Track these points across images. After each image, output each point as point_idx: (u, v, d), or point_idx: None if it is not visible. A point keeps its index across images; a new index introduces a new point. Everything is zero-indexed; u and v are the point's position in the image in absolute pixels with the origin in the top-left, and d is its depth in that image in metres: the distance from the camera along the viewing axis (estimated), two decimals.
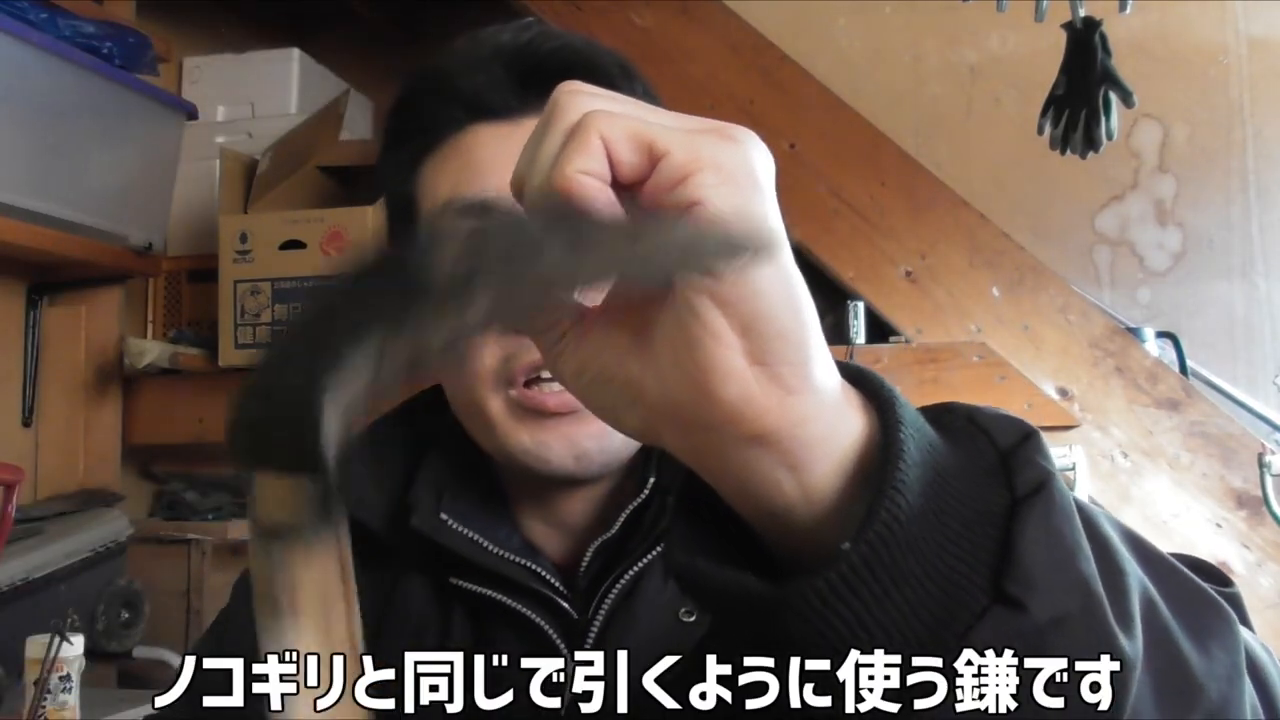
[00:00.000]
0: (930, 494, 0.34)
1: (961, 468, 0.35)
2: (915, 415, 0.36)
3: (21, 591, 1.53)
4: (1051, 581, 0.33)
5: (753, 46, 1.78)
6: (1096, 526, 0.37)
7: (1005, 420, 0.37)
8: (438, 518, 0.64)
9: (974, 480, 0.35)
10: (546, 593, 0.63)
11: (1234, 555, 1.50)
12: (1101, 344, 1.59)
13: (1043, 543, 0.34)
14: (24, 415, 1.90)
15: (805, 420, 0.34)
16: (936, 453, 0.35)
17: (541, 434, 0.61)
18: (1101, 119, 1.39)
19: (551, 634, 0.62)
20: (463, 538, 0.64)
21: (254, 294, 1.81)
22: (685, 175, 0.31)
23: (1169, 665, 0.37)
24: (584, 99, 0.33)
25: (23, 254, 1.74)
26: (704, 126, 0.33)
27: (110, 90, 1.72)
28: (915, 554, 0.33)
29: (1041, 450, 0.36)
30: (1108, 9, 1.39)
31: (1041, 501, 0.34)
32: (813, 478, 0.34)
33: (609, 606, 0.62)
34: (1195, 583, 0.42)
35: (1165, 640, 0.37)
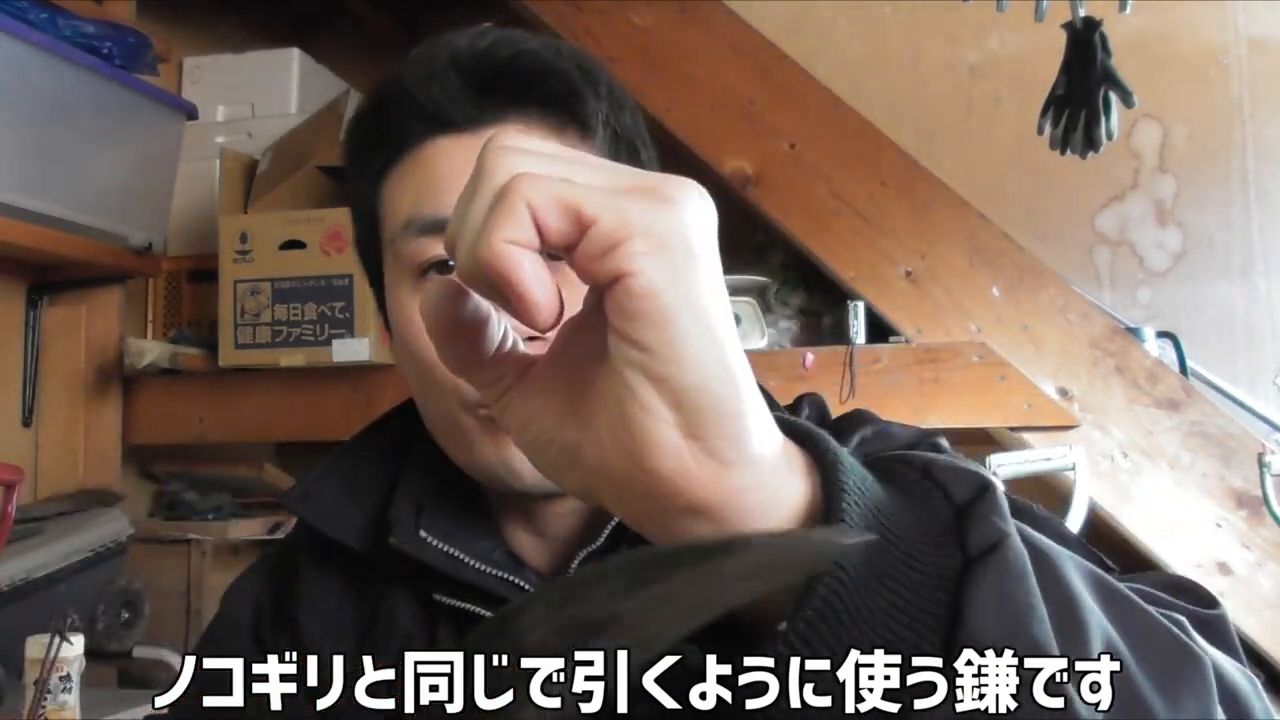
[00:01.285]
0: (875, 560, 0.33)
1: (911, 528, 0.35)
2: (861, 478, 0.35)
3: (21, 591, 1.53)
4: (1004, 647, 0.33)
5: (753, 46, 1.78)
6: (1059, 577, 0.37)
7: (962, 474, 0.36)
8: (417, 535, 0.63)
9: (924, 541, 0.34)
10: None
11: (1234, 555, 1.50)
12: (1101, 344, 1.59)
13: (994, 607, 0.33)
14: (24, 415, 1.90)
15: (742, 491, 0.33)
16: (883, 515, 0.34)
17: (509, 447, 0.59)
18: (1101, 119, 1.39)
19: None
20: (443, 554, 0.62)
21: (254, 294, 1.81)
22: (614, 244, 0.31)
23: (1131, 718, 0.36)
24: (511, 158, 0.32)
25: (23, 254, 1.74)
26: (636, 184, 0.32)
27: (110, 90, 1.72)
28: (859, 625, 0.33)
29: (997, 507, 0.35)
30: (1108, 9, 1.39)
31: (995, 563, 0.33)
32: None
33: None
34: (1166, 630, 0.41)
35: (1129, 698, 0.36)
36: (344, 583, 0.67)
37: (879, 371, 1.62)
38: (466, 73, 0.61)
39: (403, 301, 0.62)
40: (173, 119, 1.89)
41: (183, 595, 1.86)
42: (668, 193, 0.32)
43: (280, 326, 1.79)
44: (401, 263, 0.62)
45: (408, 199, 0.61)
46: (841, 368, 1.63)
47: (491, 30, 0.63)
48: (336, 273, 1.77)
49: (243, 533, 1.90)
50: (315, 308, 1.77)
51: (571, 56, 0.63)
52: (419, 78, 0.61)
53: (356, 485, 0.67)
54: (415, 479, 0.67)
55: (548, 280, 0.31)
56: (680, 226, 0.31)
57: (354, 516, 0.66)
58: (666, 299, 0.31)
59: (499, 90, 0.61)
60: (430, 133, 0.61)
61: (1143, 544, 1.52)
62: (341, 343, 1.74)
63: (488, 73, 0.61)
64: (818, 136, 1.73)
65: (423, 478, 0.66)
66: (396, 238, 0.61)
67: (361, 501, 0.66)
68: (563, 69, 0.62)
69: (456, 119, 0.61)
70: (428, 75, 0.61)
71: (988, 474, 0.37)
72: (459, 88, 0.61)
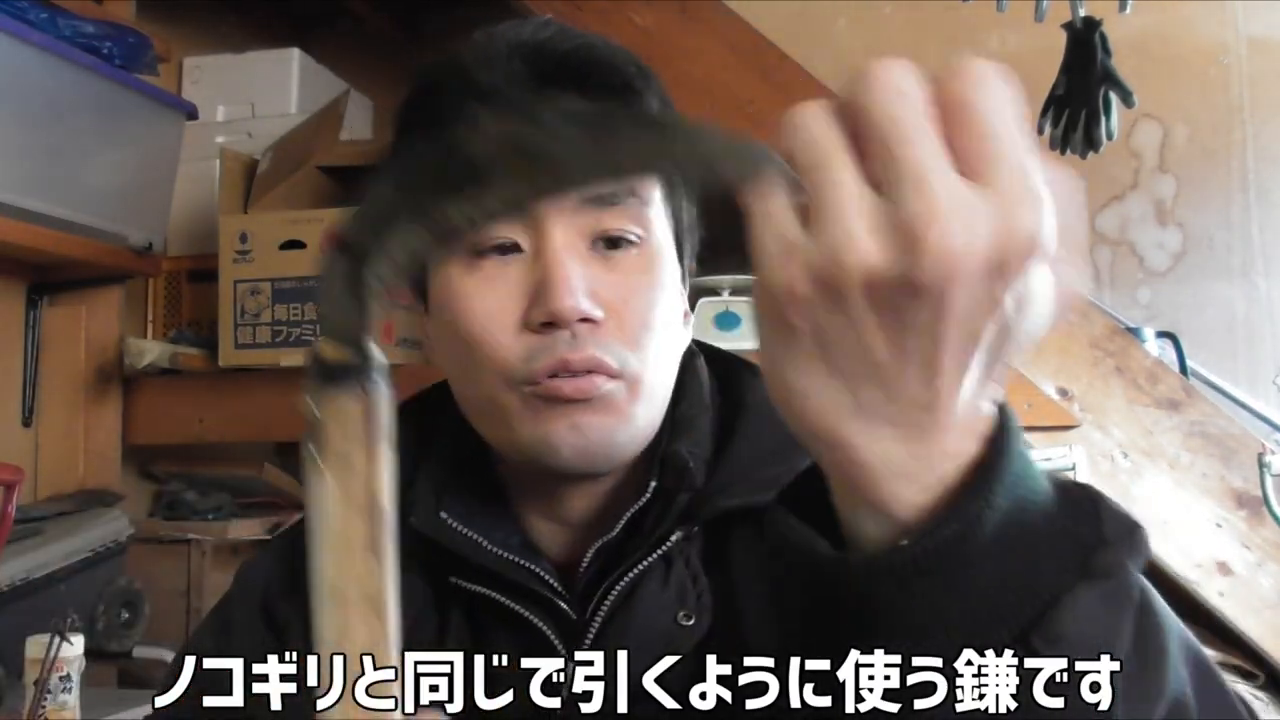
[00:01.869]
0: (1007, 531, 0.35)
1: (1053, 527, 0.37)
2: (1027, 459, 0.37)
3: (21, 591, 1.53)
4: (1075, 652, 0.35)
5: (753, 46, 1.78)
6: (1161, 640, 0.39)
7: (1122, 515, 0.38)
8: (438, 516, 0.64)
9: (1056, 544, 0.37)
10: (545, 593, 0.63)
11: (1234, 555, 1.50)
12: (1101, 344, 1.59)
13: (1083, 617, 0.35)
14: (24, 415, 1.90)
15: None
16: (1034, 504, 0.37)
17: (550, 423, 0.60)
18: (1101, 119, 1.39)
19: (549, 634, 0.62)
20: (463, 537, 0.63)
21: (254, 294, 1.81)
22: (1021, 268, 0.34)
23: None
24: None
25: (23, 254, 1.74)
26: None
27: (110, 90, 1.72)
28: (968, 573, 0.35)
29: (1135, 549, 0.37)
30: (1108, 9, 1.39)
31: (1101, 586, 0.36)
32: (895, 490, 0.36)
33: (608, 608, 0.62)
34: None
35: None
36: None
37: None
38: (528, 60, 0.62)
39: (451, 279, 0.63)
40: (173, 119, 1.88)
41: (183, 595, 1.86)
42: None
43: (280, 326, 1.79)
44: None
45: None
46: None
47: (553, 23, 0.65)
48: None
49: (243, 533, 1.90)
50: (315, 308, 1.77)
51: (628, 56, 0.65)
52: (480, 60, 0.63)
53: None
54: (437, 463, 0.67)
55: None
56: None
57: None
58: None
59: (558, 80, 0.62)
60: None
61: None
62: None
63: (549, 62, 0.62)
64: None
65: (444, 462, 0.67)
66: None
67: None
68: (620, 65, 0.64)
69: (516, 102, 0.61)
70: (489, 60, 0.63)
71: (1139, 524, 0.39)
72: (520, 73, 0.62)
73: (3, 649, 1.41)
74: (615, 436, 0.61)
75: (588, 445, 0.61)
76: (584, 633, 0.62)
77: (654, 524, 0.63)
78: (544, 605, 0.63)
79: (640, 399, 0.62)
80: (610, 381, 0.60)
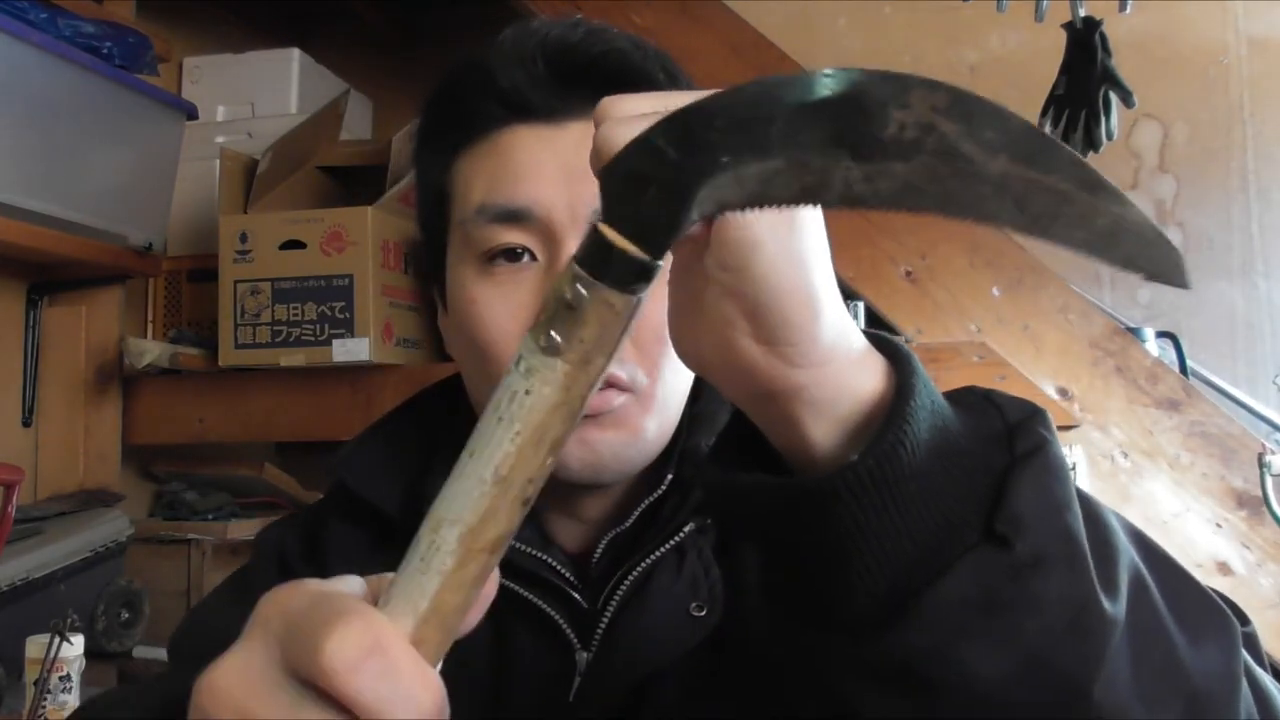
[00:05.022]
0: (935, 437, 0.38)
1: (970, 429, 0.40)
2: (929, 381, 0.40)
3: (21, 591, 1.53)
4: (1037, 525, 0.37)
5: (753, 46, 1.78)
6: (1095, 509, 0.41)
7: (1017, 400, 0.42)
8: None
9: (979, 439, 0.40)
10: (557, 583, 0.63)
11: (1234, 555, 1.50)
12: (1101, 344, 1.59)
13: (1033, 492, 0.38)
14: (24, 415, 1.90)
15: (805, 386, 0.39)
16: (946, 414, 0.40)
17: None
18: (1101, 119, 1.39)
19: (562, 624, 0.62)
20: None
21: (254, 294, 1.81)
22: None
23: (1151, 643, 0.39)
24: (622, 130, 0.36)
25: (23, 254, 1.74)
26: None
27: (110, 90, 1.72)
28: (916, 482, 0.37)
29: (1045, 424, 0.41)
30: (1108, 9, 1.39)
31: (1038, 460, 0.39)
32: (818, 430, 0.39)
33: (620, 598, 0.62)
34: (1200, 587, 0.44)
35: (1151, 620, 0.40)
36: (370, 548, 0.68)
37: None
38: (553, 62, 0.61)
39: (466, 282, 0.63)
40: (173, 119, 1.88)
41: (183, 595, 1.86)
42: None
43: (280, 326, 1.79)
44: (470, 245, 0.63)
45: (481, 183, 0.62)
46: None
47: (583, 23, 0.64)
48: (336, 273, 1.77)
49: (243, 533, 1.90)
50: (315, 308, 1.77)
51: (658, 59, 0.64)
52: (505, 61, 0.62)
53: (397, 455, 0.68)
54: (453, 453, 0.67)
55: None
56: None
57: (393, 484, 0.66)
58: (752, 231, 0.36)
59: (584, 84, 0.61)
60: (509, 118, 0.62)
61: None
62: (341, 343, 1.74)
63: (575, 65, 0.61)
64: None
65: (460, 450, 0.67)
66: (468, 220, 0.62)
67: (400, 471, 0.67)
68: (650, 72, 0.62)
69: (538, 107, 0.61)
70: (514, 60, 0.62)
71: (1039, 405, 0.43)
72: (544, 76, 0.61)
73: (3, 649, 1.41)
74: (626, 451, 0.62)
75: (598, 460, 0.61)
76: (596, 623, 0.62)
77: (670, 515, 0.64)
78: (557, 595, 0.63)
79: (652, 412, 0.62)
80: (620, 395, 0.60)
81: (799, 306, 0.37)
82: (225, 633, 0.37)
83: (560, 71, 0.61)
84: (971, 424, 0.40)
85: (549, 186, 0.60)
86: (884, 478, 0.37)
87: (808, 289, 0.38)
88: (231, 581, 0.74)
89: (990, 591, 0.36)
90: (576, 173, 0.59)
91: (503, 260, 0.61)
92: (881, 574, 0.37)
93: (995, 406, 0.42)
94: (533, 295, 0.60)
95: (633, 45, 0.63)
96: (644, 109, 0.37)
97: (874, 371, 0.40)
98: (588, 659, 0.62)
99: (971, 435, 0.40)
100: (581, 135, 0.60)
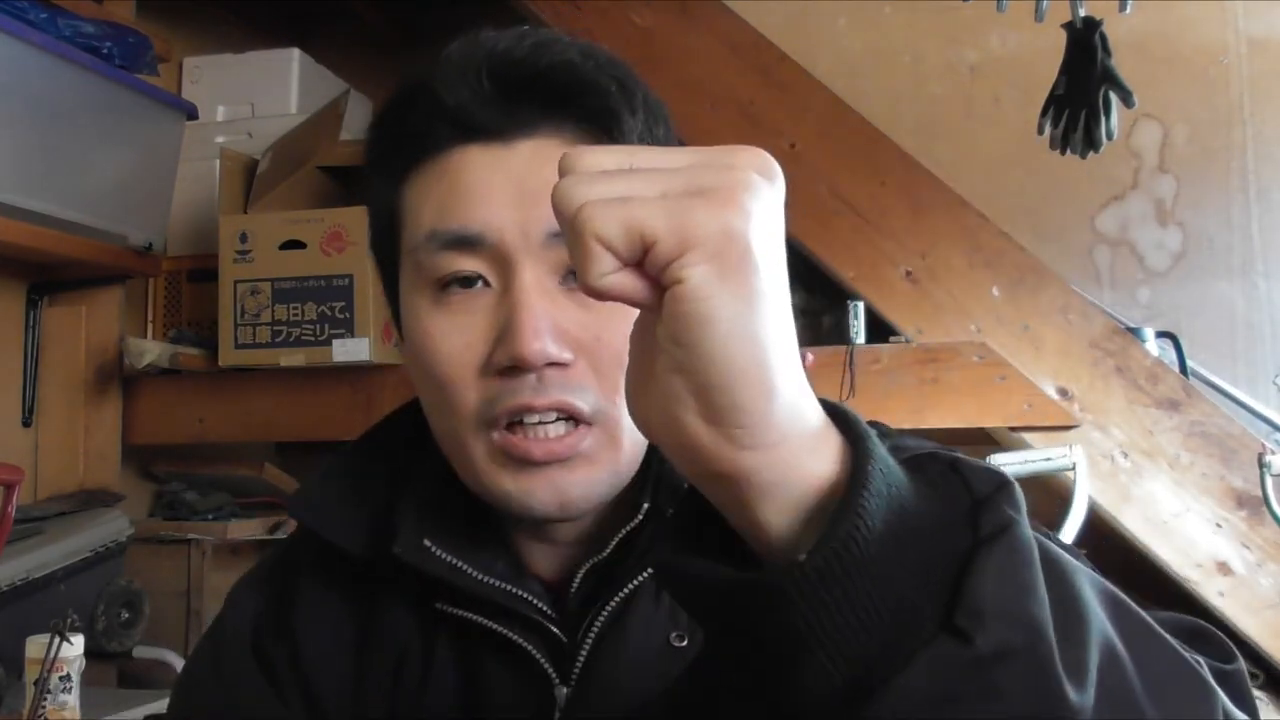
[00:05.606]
0: (892, 524, 0.36)
1: (931, 509, 0.38)
2: (887, 460, 0.38)
3: (21, 591, 1.53)
4: (999, 617, 0.35)
5: (753, 46, 1.78)
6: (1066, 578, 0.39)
7: (985, 471, 0.40)
8: (421, 543, 0.61)
9: (940, 520, 0.37)
10: (534, 617, 0.61)
11: (1234, 555, 1.50)
12: (1101, 344, 1.59)
13: (995, 581, 0.36)
14: (24, 415, 1.90)
15: (757, 470, 0.37)
16: (904, 491, 0.38)
17: (526, 481, 0.58)
18: (1101, 119, 1.39)
19: (539, 659, 0.60)
20: (445, 564, 0.61)
21: (254, 294, 1.81)
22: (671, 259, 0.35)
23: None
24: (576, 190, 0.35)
25: (23, 254, 1.74)
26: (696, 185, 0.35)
27: (110, 90, 1.72)
28: (869, 575, 0.35)
29: (1012, 500, 0.38)
30: (1108, 9, 1.39)
31: (1002, 544, 0.36)
32: (769, 513, 0.38)
33: (599, 629, 0.60)
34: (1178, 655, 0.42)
35: (1123, 698, 0.38)
36: (343, 592, 0.65)
37: (879, 371, 1.62)
38: (499, 77, 0.58)
39: (420, 312, 0.60)
40: (173, 119, 1.89)
41: (183, 595, 1.86)
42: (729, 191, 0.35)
43: (280, 326, 1.79)
44: (421, 273, 0.60)
45: (431, 207, 0.59)
46: (841, 368, 1.63)
47: (529, 34, 0.60)
48: (336, 273, 1.77)
49: (243, 533, 1.90)
50: (315, 308, 1.77)
51: (610, 68, 0.60)
52: (450, 78, 0.59)
53: (359, 490, 0.65)
54: (419, 485, 0.65)
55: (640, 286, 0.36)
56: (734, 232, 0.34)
57: (357, 523, 0.64)
58: (705, 307, 0.34)
59: (533, 100, 0.58)
60: (458, 138, 0.59)
61: (1143, 544, 1.52)
62: (341, 343, 1.74)
63: (522, 79, 0.58)
64: (818, 136, 1.73)
65: (427, 484, 0.64)
66: (419, 248, 0.59)
67: (364, 508, 0.64)
68: (601, 85, 0.59)
69: (486, 125, 0.58)
70: (459, 76, 0.59)
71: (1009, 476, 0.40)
72: (491, 93, 0.58)
73: (3, 649, 1.41)
74: (596, 489, 0.59)
75: (568, 501, 0.58)
76: (575, 655, 0.60)
77: (647, 544, 0.61)
78: (534, 628, 0.61)
79: (619, 445, 0.59)
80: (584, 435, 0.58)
81: (751, 389, 0.36)
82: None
83: (507, 87, 0.58)
84: (933, 503, 0.38)
85: (500, 209, 0.57)
86: (835, 575, 0.35)
87: (762, 370, 0.36)
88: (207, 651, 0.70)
89: (949, 687, 0.35)
90: (529, 193, 0.57)
91: (457, 287, 0.58)
92: (836, 670, 0.36)
93: (961, 478, 0.39)
94: (486, 323, 0.57)
95: (582, 56, 0.60)
96: (608, 165, 0.36)
97: (828, 454, 0.38)
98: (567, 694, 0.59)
99: (933, 517, 0.38)
100: (532, 154, 0.58)
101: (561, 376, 0.57)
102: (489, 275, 0.58)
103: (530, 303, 0.56)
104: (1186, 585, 1.50)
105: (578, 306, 0.57)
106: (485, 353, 0.57)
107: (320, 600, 0.65)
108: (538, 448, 0.57)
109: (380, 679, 0.62)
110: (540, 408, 0.56)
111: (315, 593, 0.66)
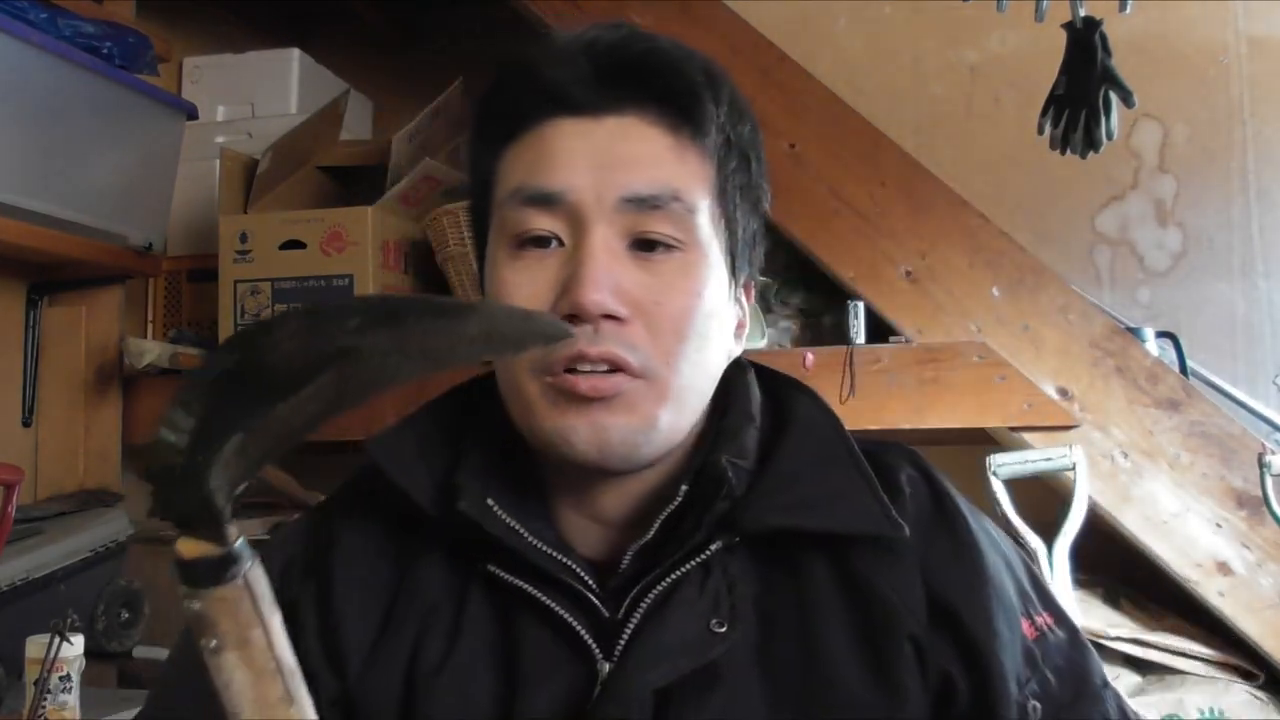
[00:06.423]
0: None
1: None
2: None
3: (21, 591, 1.53)
4: None
5: (753, 46, 1.78)
6: None
7: None
8: (484, 503, 0.64)
9: None
10: (579, 589, 0.63)
11: (1234, 555, 1.50)
12: (1101, 344, 1.59)
13: None
14: (24, 415, 1.90)
15: None
16: None
17: (572, 418, 0.62)
18: (1101, 119, 1.39)
19: (582, 632, 0.62)
20: (506, 526, 0.64)
21: (254, 294, 1.81)
22: None
23: None
24: None
25: (23, 254, 1.74)
26: None
27: (110, 90, 1.72)
28: None
29: None
30: (1108, 9, 1.39)
31: None
32: None
33: (645, 609, 0.62)
34: None
35: None
36: (384, 539, 0.68)
37: (879, 371, 1.62)
38: (596, 59, 0.64)
39: (498, 264, 0.65)
40: (173, 119, 1.88)
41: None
42: None
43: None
44: (504, 229, 0.65)
45: (521, 169, 0.65)
46: (841, 368, 1.63)
47: (627, 26, 0.67)
48: (336, 273, 1.77)
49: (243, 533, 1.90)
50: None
51: (701, 62, 0.67)
52: (550, 58, 0.65)
53: (428, 446, 0.69)
54: (478, 454, 0.68)
55: None
56: None
57: (427, 474, 0.67)
58: None
59: (624, 81, 0.64)
60: (553, 112, 0.65)
61: (1143, 544, 1.52)
62: None
63: (617, 63, 0.64)
64: (818, 136, 1.73)
65: (486, 449, 0.68)
66: (504, 203, 0.65)
67: (435, 460, 0.68)
68: (688, 71, 0.65)
69: (579, 101, 0.64)
70: (558, 57, 0.65)
71: None
72: (587, 72, 0.64)
73: (3, 649, 1.41)
74: (634, 437, 0.62)
75: (606, 443, 0.62)
76: (618, 632, 0.62)
77: (691, 529, 0.64)
78: (577, 601, 0.63)
79: (665, 403, 0.63)
80: (630, 381, 0.61)
81: None
82: None
83: (603, 68, 0.64)
84: None
85: (581, 173, 0.63)
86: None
87: None
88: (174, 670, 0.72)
89: None
90: (608, 162, 0.63)
91: (532, 246, 0.64)
92: None
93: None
94: (554, 277, 0.62)
95: (673, 46, 0.67)
96: None
97: None
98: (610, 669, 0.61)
99: None
100: (616, 128, 0.64)
101: (617, 331, 0.61)
102: (562, 234, 0.63)
103: (596, 257, 0.61)
104: (1186, 585, 1.50)
105: (641, 270, 0.63)
106: (550, 300, 0.62)
107: (360, 544, 0.68)
108: (583, 383, 0.61)
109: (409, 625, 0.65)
110: (593, 356, 0.60)
111: (356, 536, 0.69)
